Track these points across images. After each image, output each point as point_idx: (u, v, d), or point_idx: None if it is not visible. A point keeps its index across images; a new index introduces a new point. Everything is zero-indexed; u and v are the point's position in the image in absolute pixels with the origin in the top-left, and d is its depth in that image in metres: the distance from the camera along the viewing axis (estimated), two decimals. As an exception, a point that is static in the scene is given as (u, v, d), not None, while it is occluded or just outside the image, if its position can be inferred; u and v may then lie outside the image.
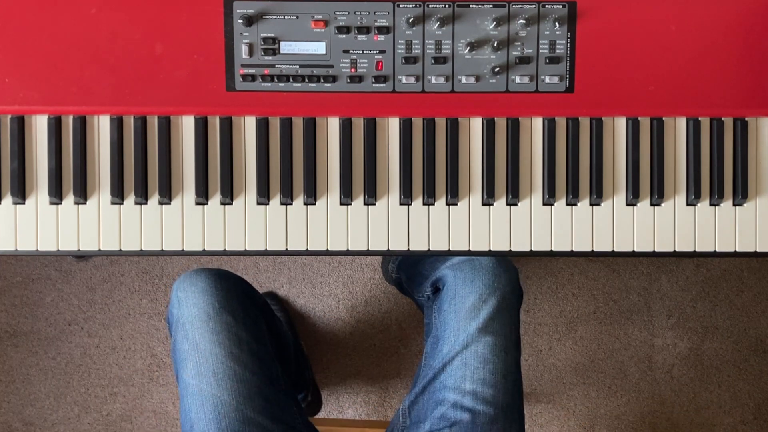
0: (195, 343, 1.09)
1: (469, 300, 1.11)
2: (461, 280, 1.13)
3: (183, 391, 1.10)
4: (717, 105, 1.05)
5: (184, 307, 1.11)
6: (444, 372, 1.11)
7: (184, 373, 1.09)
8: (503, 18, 1.03)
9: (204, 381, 1.07)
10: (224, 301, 1.11)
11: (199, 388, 1.07)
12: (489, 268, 1.12)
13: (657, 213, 1.07)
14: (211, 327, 1.09)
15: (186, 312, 1.11)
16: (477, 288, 1.11)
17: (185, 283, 1.13)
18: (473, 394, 1.08)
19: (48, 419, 1.78)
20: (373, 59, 1.03)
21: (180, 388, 1.11)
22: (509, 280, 1.13)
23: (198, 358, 1.08)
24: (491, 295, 1.10)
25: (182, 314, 1.11)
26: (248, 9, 1.02)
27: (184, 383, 1.09)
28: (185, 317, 1.10)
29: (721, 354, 1.82)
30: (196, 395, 1.07)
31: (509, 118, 1.05)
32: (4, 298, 1.77)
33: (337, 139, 1.05)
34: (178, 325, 1.11)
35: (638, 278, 1.81)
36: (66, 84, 1.02)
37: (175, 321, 1.13)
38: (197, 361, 1.08)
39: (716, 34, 1.04)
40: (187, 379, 1.09)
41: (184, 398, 1.09)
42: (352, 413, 1.80)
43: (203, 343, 1.08)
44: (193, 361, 1.08)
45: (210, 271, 1.14)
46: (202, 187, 1.04)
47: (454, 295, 1.13)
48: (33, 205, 1.04)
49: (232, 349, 1.09)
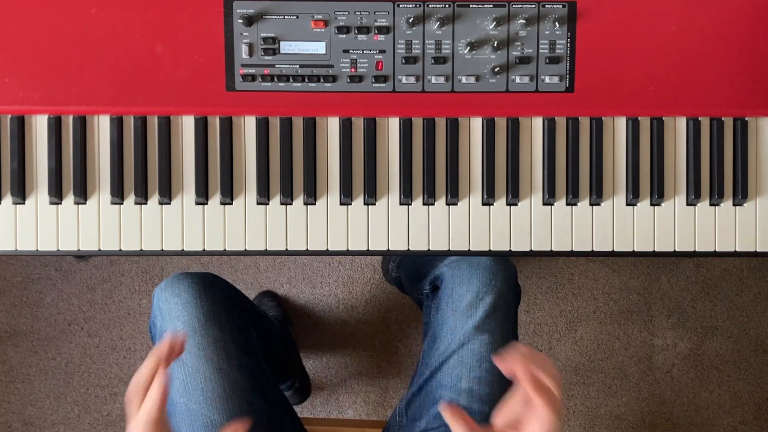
0: (181, 359, 1.03)
1: (466, 298, 1.10)
2: (458, 278, 1.12)
3: (171, 408, 1.04)
4: (717, 105, 1.05)
5: (167, 321, 1.06)
6: (440, 370, 1.10)
7: (171, 391, 1.03)
8: (503, 18, 1.03)
9: (192, 400, 1.03)
10: (210, 313, 1.06)
11: (187, 407, 1.03)
12: (486, 266, 1.12)
13: (657, 213, 1.07)
14: (197, 342, 1.04)
15: (170, 326, 1.06)
16: (474, 286, 1.10)
17: (167, 293, 1.08)
18: (469, 393, 1.08)
19: (48, 419, 1.78)
20: (373, 59, 1.03)
21: (167, 404, 1.04)
22: (506, 278, 1.12)
23: (185, 376, 1.03)
24: (488, 293, 1.10)
25: (165, 328, 1.07)
26: (248, 9, 1.02)
27: (172, 401, 1.04)
28: (169, 330, 1.06)
29: (721, 354, 1.82)
30: (184, 415, 1.03)
31: (509, 118, 1.05)
32: (4, 298, 1.77)
33: (337, 139, 1.05)
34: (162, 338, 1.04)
35: (638, 278, 1.81)
36: (66, 84, 1.01)
37: (158, 334, 1.08)
38: (184, 379, 1.03)
39: (716, 34, 1.04)
40: (175, 397, 1.03)
41: (173, 416, 1.04)
42: (352, 413, 1.80)
43: (190, 359, 1.04)
44: (180, 378, 1.03)
45: (193, 279, 1.09)
46: (202, 187, 1.04)
47: (451, 293, 1.12)
48: (33, 205, 1.04)
49: (221, 364, 1.04)
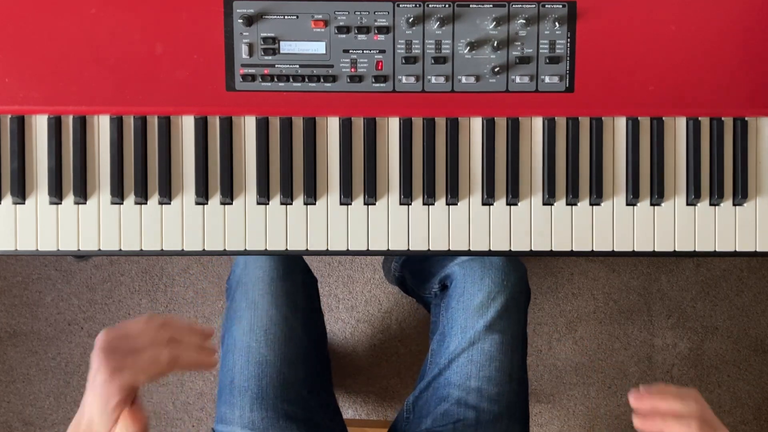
0: (254, 302, 1.12)
1: (478, 297, 1.11)
2: (470, 278, 1.13)
3: (230, 347, 1.12)
4: (717, 105, 1.05)
5: (250, 269, 1.15)
6: (449, 368, 1.10)
7: (236, 330, 1.12)
8: (503, 18, 1.03)
9: (254, 338, 1.10)
10: (288, 268, 1.16)
11: (248, 345, 1.10)
12: (499, 267, 1.12)
13: (657, 213, 1.07)
14: (272, 290, 1.13)
15: (252, 273, 1.15)
16: (486, 286, 1.11)
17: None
18: (478, 392, 1.08)
19: (48, 419, 1.78)
20: (373, 59, 1.03)
21: (225, 345, 1.14)
22: (518, 279, 1.13)
23: (253, 317, 1.11)
24: (500, 294, 1.10)
25: (246, 275, 1.15)
26: (248, 9, 1.02)
27: (233, 339, 1.12)
28: (249, 277, 1.14)
29: (721, 354, 1.82)
30: (243, 350, 1.10)
31: (509, 118, 1.05)
32: (4, 298, 1.77)
33: (337, 139, 1.05)
34: (240, 285, 1.15)
35: (638, 278, 1.81)
36: (66, 84, 1.01)
37: (236, 280, 1.17)
38: (251, 319, 1.11)
39: (716, 34, 1.04)
40: (238, 335, 1.11)
41: (230, 354, 1.12)
42: (352, 413, 1.80)
43: (261, 303, 1.12)
44: (247, 318, 1.11)
45: None
46: (202, 187, 1.04)
47: (462, 292, 1.13)
48: (33, 205, 1.04)
49: (287, 313, 1.12)
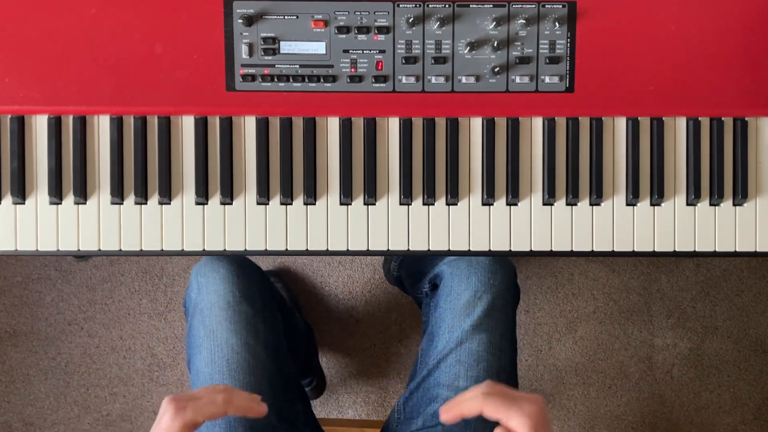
0: (212, 330, 1.08)
1: (464, 297, 1.10)
2: (457, 277, 1.12)
3: (194, 377, 1.09)
4: (717, 105, 1.05)
5: (203, 293, 1.10)
6: (438, 369, 1.10)
7: (197, 360, 1.09)
8: (503, 18, 1.03)
9: (216, 370, 1.07)
10: (245, 290, 1.10)
11: (210, 377, 1.07)
12: (485, 265, 1.12)
13: (657, 213, 1.07)
14: (229, 316, 1.08)
15: (205, 298, 1.10)
16: (472, 285, 1.11)
17: (206, 268, 1.12)
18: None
19: (48, 419, 1.78)
20: (373, 59, 1.03)
21: (191, 373, 1.11)
22: (505, 278, 1.12)
23: (213, 346, 1.07)
24: (486, 293, 1.10)
25: (201, 300, 1.10)
26: (248, 9, 1.02)
27: (196, 369, 1.09)
28: (204, 303, 1.09)
29: (721, 354, 1.82)
30: (207, 383, 1.06)
31: (509, 118, 1.05)
32: (4, 298, 1.77)
33: (337, 139, 1.05)
34: (196, 311, 1.11)
35: (638, 278, 1.81)
36: (66, 84, 1.01)
37: (192, 306, 1.12)
38: (212, 349, 1.07)
39: (716, 33, 1.04)
40: (200, 366, 1.08)
41: (195, 385, 1.09)
42: (352, 413, 1.80)
43: (220, 331, 1.08)
44: (208, 348, 1.08)
45: (231, 258, 1.13)
46: (202, 187, 1.04)
47: (449, 291, 1.13)
48: (33, 205, 1.04)
49: (249, 339, 1.08)
